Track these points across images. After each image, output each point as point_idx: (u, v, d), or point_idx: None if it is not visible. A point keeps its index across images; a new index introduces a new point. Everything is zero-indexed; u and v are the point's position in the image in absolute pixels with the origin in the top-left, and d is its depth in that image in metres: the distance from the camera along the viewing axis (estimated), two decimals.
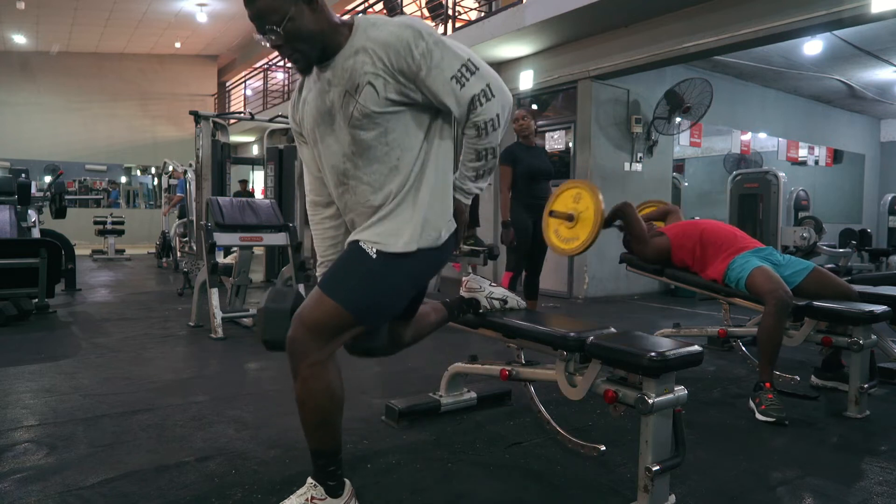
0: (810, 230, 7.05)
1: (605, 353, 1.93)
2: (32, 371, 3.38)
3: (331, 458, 1.68)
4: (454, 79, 1.56)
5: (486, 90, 1.58)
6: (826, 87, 9.36)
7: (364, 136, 1.60)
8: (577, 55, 6.86)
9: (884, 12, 4.61)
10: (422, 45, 1.53)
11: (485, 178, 1.72)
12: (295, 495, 1.71)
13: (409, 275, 1.66)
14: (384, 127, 1.59)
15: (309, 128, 1.73)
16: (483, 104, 1.58)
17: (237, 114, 8.09)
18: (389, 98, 1.57)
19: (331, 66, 1.61)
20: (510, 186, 4.59)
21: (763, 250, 3.15)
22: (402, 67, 1.54)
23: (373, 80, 1.55)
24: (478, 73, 1.58)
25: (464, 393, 2.75)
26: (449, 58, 1.55)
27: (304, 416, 1.64)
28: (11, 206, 5.88)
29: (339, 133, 1.64)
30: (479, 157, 1.66)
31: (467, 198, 1.74)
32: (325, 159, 1.71)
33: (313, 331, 1.58)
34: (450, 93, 1.56)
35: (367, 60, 1.55)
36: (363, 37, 1.58)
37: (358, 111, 1.57)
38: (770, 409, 2.65)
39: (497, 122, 1.61)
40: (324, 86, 1.64)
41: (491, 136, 1.62)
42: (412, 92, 1.58)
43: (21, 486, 1.95)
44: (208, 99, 17.94)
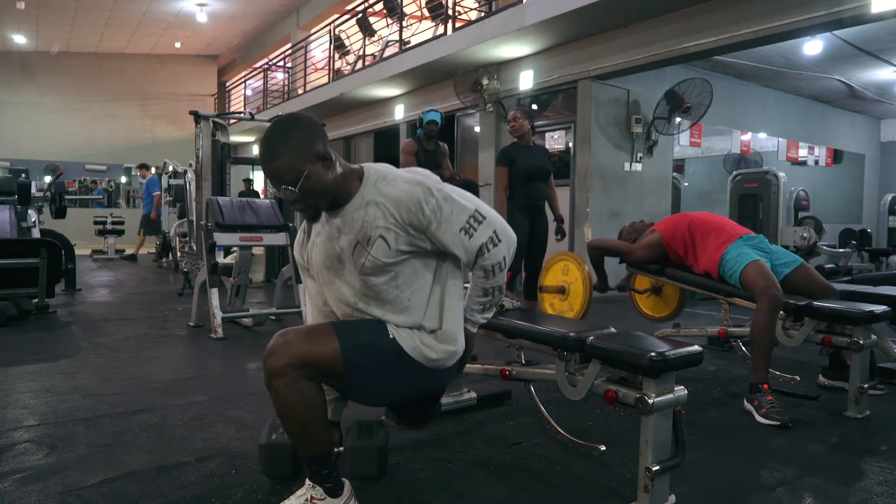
0: (810, 230, 7.05)
1: (605, 353, 1.93)
2: (32, 371, 3.38)
3: (323, 463, 1.68)
4: (463, 230, 1.64)
5: (493, 237, 1.66)
6: (826, 87, 9.36)
7: (375, 282, 1.67)
8: (577, 55, 6.85)
9: (884, 12, 4.61)
10: (432, 202, 1.61)
11: (491, 310, 1.82)
12: (294, 496, 1.71)
13: (411, 375, 1.71)
14: (394, 273, 1.66)
15: (317, 269, 1.79)
16: (491, 250, 1.66)
17: (237, 114, 8.08)
18: (400, 249, 1.64)
19: (340, 214, 1.68)
20: (507, 187, 4.59)
21: (754, 238, 3.15)
22: (413, 222, 1.62)
23: (384, 234, 1.62)
24: (485, 222, 1.66)
25: (464, 393, 2.74)
26: (458, 211, 1.64)
27: (286, 427, 1.65)
28: (11, 206, 5.88)
29: (348, 277, 1.71)
30: (486, 293, 1.76)
31: (475, 328, 1.83)
32: (334, 298, 1.78)
33: (301, 360, 1.58)
34: (459, 244, 1.65)
35: (379, 215, 1.62)
36: (374, 190, 1.65)
37: (370, 262, 1.64)
38: (772, 412, 2.64)
39: (504, 263, 1.70)
40: (333, 232, 1.70)
41: (498, 276, 1.72)
42: (421, 242, 1.65)
43: (21, 486, 1.95)
44: (208, 99, 17.94)
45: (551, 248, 4.95)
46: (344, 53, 11.48)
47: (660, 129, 7.07)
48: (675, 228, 3.33)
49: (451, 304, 1.74)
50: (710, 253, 3.16)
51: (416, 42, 8.93)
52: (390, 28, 10.04)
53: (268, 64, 15.67)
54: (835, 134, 11.01)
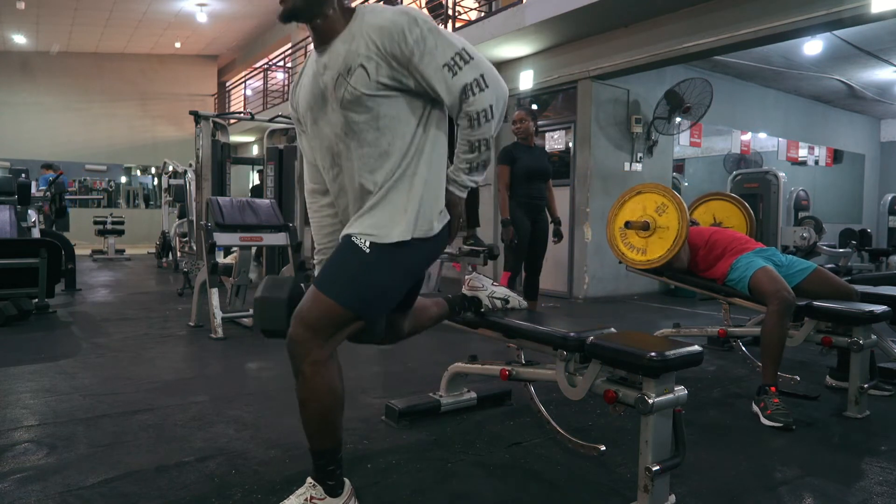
0: (810, 230, 7.05)
1: (605, 353, 1.93)
2: (32, 371, 3.37)
3: (331, 458, 1.69)
4: (446, 66, 1.55)
5: (480, 80, 1.58)
6: (826, 87, 9.36)
7: (355, 119, 1.61)
8: (577, 55, 6.85)
9: (884, 12, 4.61)
10: (416, 31, 1.54)
11: (479, 171, 1.71)
12: (294, 495, 1.71)
13: (402, 266, 1.66)
14: (375, 111, 1.60)
15: (303, 111, 1.75)
16: (475, 94, 1.57)
17: (237, 114, 8.08)
18: (381, 82, 1.57)
19: (328, 51, 1.63)
20: (508, 186, 4.60)
21: (765, 251, 3.16)
22: (395, 52, 1.55)
23: (365, 63, 1.56)
24: (472, 62, 1.58)
25: (464, 393, 2.75)
26: (443, 45, 1.56)
27: (305, 414, 1.64)
28: (11, 206, 5.88)
29: (331, 115, 1.65)
30: (472, 148, 1.65)
31: (461, 191, 1.73)
32: (317, 142, 1.73)
33: (313, 329, 1.58)
34: (441, 80, 1.56)
35: (362, 44, 1.57)
36: (360, 22, 1.60)
37: (349, 93, 1.58)
38: (776, 414, 2.63)
39: (490, 112, 1.59)
40: (319, 69, 1.65)
41: (484, 128, 1.61)
42: (404, 77, 1.58)
43: (21, 486, 1.95)
44: (208, 99, 17.93)
45: (551, 248, 4.96)
46: None
47: (660, 129, 7.07)
48: (694, 241, 3.34)
49: (434, 157, 1.68)
50: (719, 264, 3.19)
51: None
52: None
53: (268, 64, 15.67)
54: (835, 134, 11.01)
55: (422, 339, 2.30)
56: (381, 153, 1.62)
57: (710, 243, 3.28)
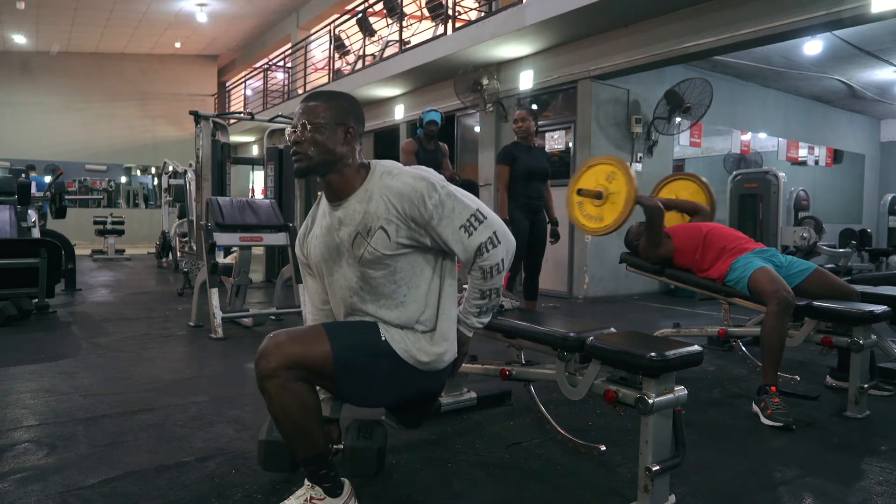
0: (810, 230, 7.04)
1: (605, 353, 1.93)
2: (32, 371, 3.37)
3: (320, 463, 1.68)
4: (463, 228, 1.66)
5: (493, 237, 1.68)
6: (826, 87, 9.36)
7: (373, 275, 1.68)
8: (577, 55, 6.86)
9: (884, 12, 4.61)
10: (435, 197, 1.63)
11: (487, 314, 1.82)
12: (294, 496, 1.71)
13: (399, 373, 1.70)
14: (392, 267, 1.67)
15: (315, 262, 1.81)
16: (489, 251, 1.68)
17: (237, 114, 8.08)
18: (400, 242, 1.65)
19: (343, 206, 1.70)
20: (507, 186, 4.59)
21: (765, 251, 3.16)
22: (415, 216, 1.64)
23: (385, 226, 1.64)
24: (485, 222, 1.68)
25: (464, 393, 2.75)
26: (459, 209, 1.66)
27: (281, 428, 1.64)
28: (11, 206, 5.88)
29: (346, 270, 1.72)
30: (483, 295, 1.76)
31: (470, 331, 1.83)
32: (332, 291, 1.80)
33: (292, 362, 1.57)
34: (458, 241, 1.66)
35: (381, 207, 1.64)
36: (379, 183, 1.67)
37: (369, 253, 1.65)
38: (777, 414, 2.63)
39: (502, 266, 1.71)
40: (334, 223, 1.72)
41: (496, 278, 1.72)
42: (421, 237, 1.67)
43: (21, 486, 1.95)
44: (208, 99, 17.93)
45: (551, 248, 4.95)
46: (344, 53, 11.48)
47: (660, 129, 7.07)
48: (689, 239, 3.33)
49: (446, 304, 1.76)
50: (719, 265, 3.17)
51: (416, 42, 8.93)
52: (390, 28, 10.04)
53: (268, 64, 15.66)
54: (835, 134, 11.01)
55: None
56: (397, 304, 1.70)
57: (706, 241, 3.26)
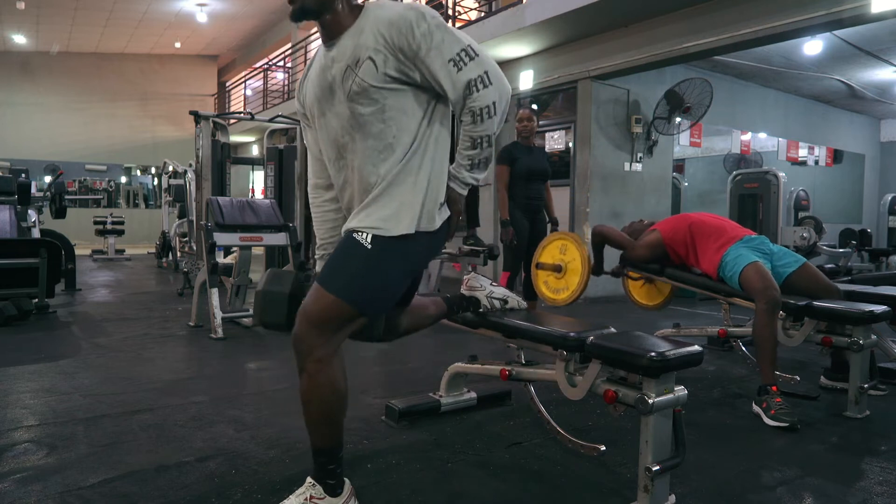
0: (810, 230, 7.05)
1: (605, 353, 1.93)
2: (32, 371, 3.37)
3: (332, 457, 1.69)
4: (452, 61, 1.58)
5: (484, 76, 1.59)
6: (826, 87, 9.36)
7: (361, 111, 1.63)
8: (577, 55, 6.85)
9: (884, 12, 4.61)
10: (423, 26, 1.56)
11: (481, 169, 1.71)
12: (294, 495, 1.71)
13: (404, 259, 1.67)
14: (382, 104, 1.62)
15: (310, 104, 1.77)
16: (479, 90, 1.59)
17: (237, 114, 8.08)
18: (388, 74, 1.60)
19: (336, 45, 1.67)
20: (507, 185, 4.60)
21: (754, 239, 3.14)
22: (403, 45, 1.58)
23: (373, 56, 1.59)
24: (477, 59, 1.60)
25: (464, 393, 2.75)
26: (449, 41, 1.58)
27: (308, 412, 1.65)
28: (11, 206, 5.88)
29: (338, 108, 1.67)
30: (474, 144, 1.65)
31: (462, 188, 1.74)
32: (324, 134, 1.75)
33: (317, 326, 1.60)
34: (447, 75, 1.58)
35: (370, 37, 1.60)
36: (369, 16, 1.63)
37: (356, 84, 1.61)
38: (781, 415, 2.62)
39: (493, 109, 1.61)
40: (327, 63, 1.68)
41: (486, 124, 1.62)
42: (411, 71, 1.61)
43: (21, 486, 1.95)
44: (208, 99, 17.93)
45: None
46: None
47: (660, 129, 7.07)
48: (676, 230, 3.33)
49: (437, 152, 1.70)
50: (709, 255, 3.15)
51: None
52: None
53: (268, 64, 15.67)
54: (835, 134, 11.01)
55: (422, 339, 2.31)
56: (385, 146, 1.64)
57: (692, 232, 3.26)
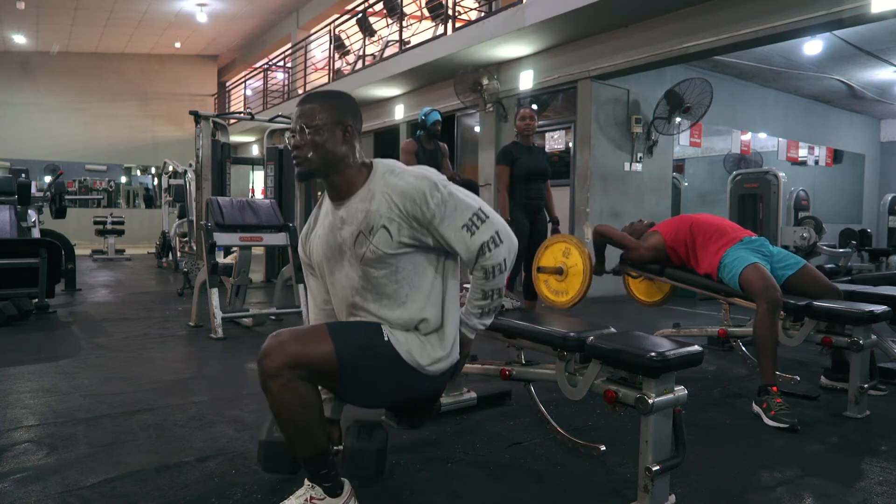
0: (810, 230, 7.04)
1: (605, 353, 1.93)
2: (32, 371, 3.37)
3: (321, 463, 1.68)
4: (465, 227, 1.65)
5: (495, 237, 1.67)
6: (826, 87, 9.36)
7: (375, 274, 1.68)
8: (577, 55, 6.85)
9: (884, 12, 4.61)
10: (437, 196, 1.63)
11: (489, 316, 1.81)
12: (294, 496, 1.71)
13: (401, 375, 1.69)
14: (395, 266, 1.67)
15: (317, 261, 1.81)
16: (492, 250, 1.67)
17: (237, 114, 8.08)
18: (402, 241, 1.65)
19: (345, 205, 1.70)
20: (507, 186, 4.60)
21: (754, 241, 3.14)
22: (417, 214, 1.64)
23: (387, 225, 1.64)
24: (487, 221, 1.67)
25: (464, 393, 2.74)
26: (461, 208, 1.65)
27: (282, 427, 1.64)
28: (11, 206, 5.88)
29: (348, 269, 1.71)
30: (485, 296, 1.75)
31: (472, 333, 1.82)
32: (333, 290, 1.79)
33: (294, 361, 1.56)
34: (460, 240, 1.66)
35: (384, 205, 1.64)
36: (381, 182, 1.67)
37: (371, 252, 1.65)
38: (781, 415, 2.61)
39: (504, 266, 1.70)
40: (336, 222, 1.72)
41: (498, 279, 1.71)
42: (423, 236, 1.66)
43: (21, 486, 1.95)
44: (208, 99, 17.94)
45: None
46: (344, 53, 11.48)
47: (660, 129, 7.07)
48: (677, 231, 3.33)
49: (449, 304, 1.75)
50: (709, 257, 3.16)
51: (416, 42, 8.93)
52: (390, 28, 10.04)
53: (268, 64, 15.66)
54: (835, 134, 11.01)
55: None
56: (399, 304, 1.70)
57: (693, 233, 3.26)
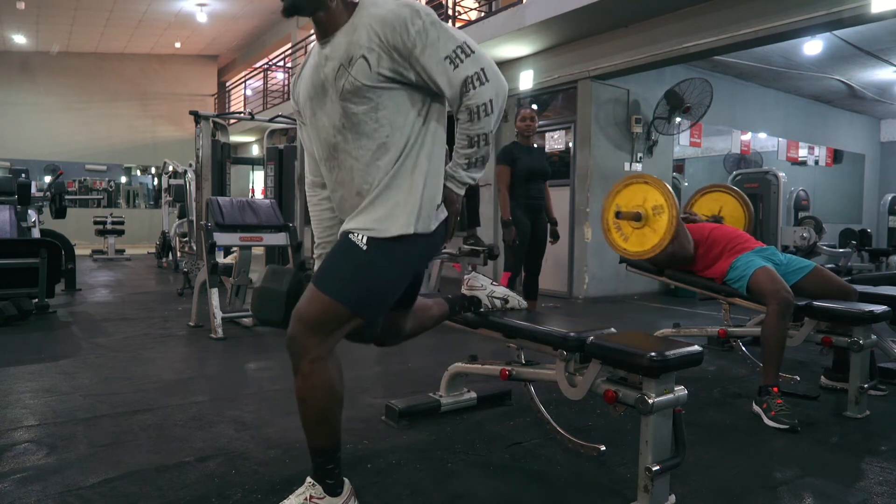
0: (810, 230, 7.04)
1: (605, 353, 1.93)
2: (32, 371, 3.37)
3: (330, 457, 1.68)
4: (448, 59, 1.55)
5: (480, 74, 1.58)
6: (826, 87, 9.36)
7: (354, 110, 1.60)
8: (577, 55, 6.86)
9: (884, 12, 4.61)
10: (418, 23, 1.53)
11: (478, 168, 1.70)
12: (294, 495, 1.71)
13: (400, 261, 1.65)
14: (375, 102, 1.59)
15: (302, 102, 1.75)
16: (476, 87, 1.57)
17: (237, 114, 8.08)
18: (382, 73, 1.57)
19: (330, 42, 1.64)
20: (508, 186, 4.60)
21: (765, 250, 3.16)
22: (397, 43, 1.54)
23: (366, 54, 1.56)
24: (473, 56, 1.58)
25: (464, 393, 2.74)
26: (445, 38, 1.56)
27: (304, 412, 1.64)
28: (11, 206, 5.88)
29: (330, 106, 1.65)
30: (471, 143, 1.64)
31: (460, 187, 1.72)
32: (315, 133, 1.73)
33: (311, 327, 1.58)
34: (442, 73, 1.56)
35: (364, 35, 1.57)
36: (364, 14, 1.60)
37: (349, 83, 1.58)
38: (781, 416, 2.62)
39: (490, 107, 1.59)
40: (321, 60, 1.66)
41: (483, 122, 1.60)
42: (405, 70, 1.58)
43: (21, 486, 1.95)
44: (208, 99, 17.93)
45: (551, 248, 4.96)
46: None
47: (660, 129, 7.07)
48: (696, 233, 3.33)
49: (434, 151, 1.67)
50: (720, 263, 3.18)
51: None
52: None
53: (268, 64, 15.67)
54: (835, 134, 11.00)
55: (422, 339, 2.30)
56: (379, 145, 1.62)
57: (709, 241, 3.26)
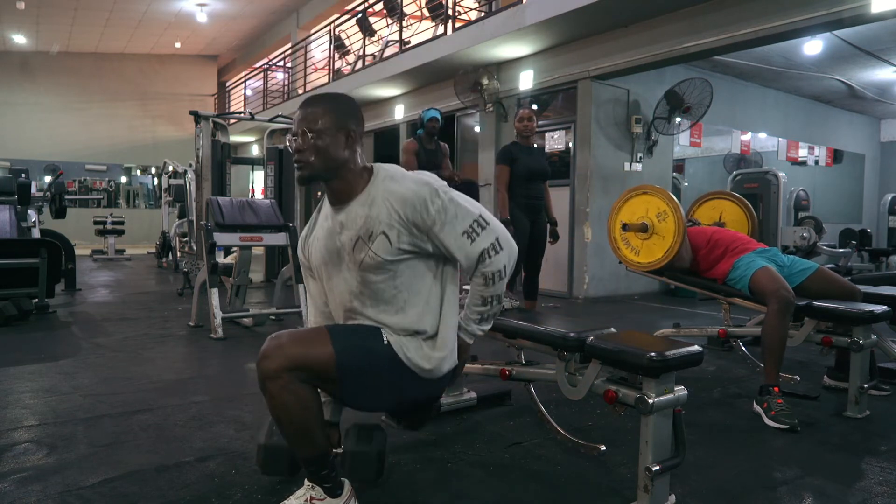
0: (810, 230, 7.05)
1: (605, 353, 1.93)
2: (32, 371, 3.37)
3: (321, 463, 1.68)
4: (465, 234, 1.65)
5: (495, 243, 1.68)
6: (826, 87, 9.36)
7: (373, 279, 1.67)
8: (577, 55, 6.85)
9: (884, 12, 4.60)
10: (437, 203, 1.63)
11: (488, 322, 1.80)
12: (294, 496, 1.71)
13: (401, 378, 1.69)
14: (393, 272, 1.67)
15: (316, 265, 1.81)
16: (492, 257, 1.67)
17: (237, 114, 8.09)
18: (401, 248, 1.64)
19: (345, 210, 1.70)
20: (507, 186, 4.60)
21: (767, 251, 3.16)
22: (417, 221, 1.63)
23: (387, 231, 1.63)
24: (487, 228, 1.67)
25: (464, 393, 2.74)
26: (462, 215, 1.65)
27: (281, 428, 1.64)
28: (11, 206, 5.88)
29: (346, 274, 1.71)
30: (484, 302, 1.74)
31: (471, 338, 1.82)
32: (332, 296, 1.79)
33: (294, 364, 1.55)
34: (460, 247, 1.66)
35: (383, 211, 1.64)
36: (381, 187, 1.67)
37: (370, 258, 1.64)
38: (781, 416, 2.61)
39: (504, 272, 1.70)
40: (335, 227, 1.71)
41: (498, 285, 1.71)
42: (423, 242, 1.66)
43: (21, 486, 1.95)
44: (208, 99, 17.94)
45: (551, 248, 4.96)
46: (344, 53, 11.48)
47: (660, 129, 7.07)
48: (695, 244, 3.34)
49: (447, 310, 1.75)
50: (722, 263, 3.19)
51: (416, 42, 8.93)
52: (390, 28, 10.04)
53: (268, 64, 15.66)
54: (835, 134, 11.00)
55: None
56: (397, 310, 1.69)
57: (711, 243, 3.27)
